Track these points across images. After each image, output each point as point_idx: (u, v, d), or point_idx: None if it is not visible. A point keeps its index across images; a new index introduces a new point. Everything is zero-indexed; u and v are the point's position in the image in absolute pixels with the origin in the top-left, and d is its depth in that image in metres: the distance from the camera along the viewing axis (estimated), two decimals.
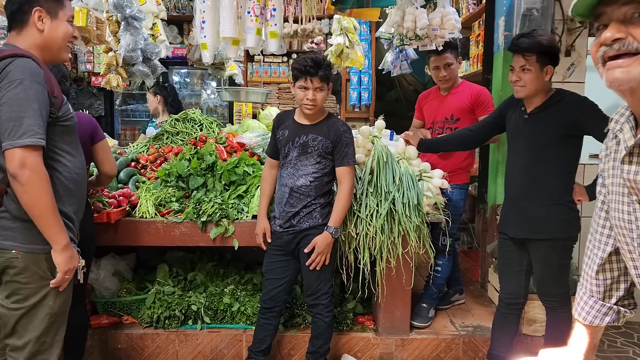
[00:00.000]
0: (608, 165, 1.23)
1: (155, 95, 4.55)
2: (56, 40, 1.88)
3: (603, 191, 1.30)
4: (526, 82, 2.44)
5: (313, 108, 2.48)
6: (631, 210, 1.16)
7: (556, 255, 2.53)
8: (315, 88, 2.44)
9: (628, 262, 1.24)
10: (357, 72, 6.07)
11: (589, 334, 1.40)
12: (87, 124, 2.38)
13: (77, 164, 1.95)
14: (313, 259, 2.51)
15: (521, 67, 2.43)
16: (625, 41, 1.03)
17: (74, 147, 1.95)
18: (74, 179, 1.92)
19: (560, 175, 2.48)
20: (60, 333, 1.94)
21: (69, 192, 1.90)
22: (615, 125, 1.20)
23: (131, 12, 3.26)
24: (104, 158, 2.47)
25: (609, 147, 1.24)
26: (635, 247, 1.18)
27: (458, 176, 3.20)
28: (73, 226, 1.93)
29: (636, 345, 3.42)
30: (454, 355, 2.99)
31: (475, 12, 4.40)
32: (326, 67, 2.44)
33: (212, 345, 2.98)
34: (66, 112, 1.88)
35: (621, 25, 1.03)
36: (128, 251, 3.38)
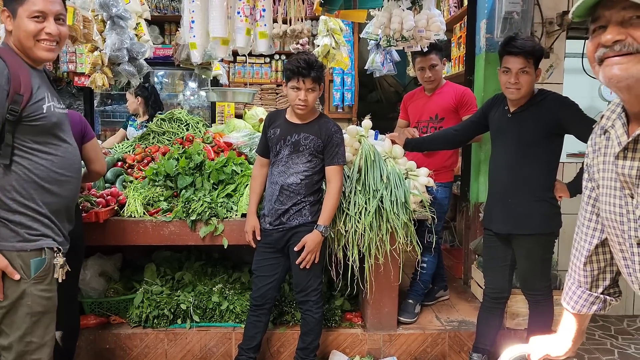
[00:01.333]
0: (598, 160, 1.27)
1: (136, 97, 4.50)
2: (21, 39, 1.83)
3: (589, 185, 1.35)
4: (523, 85, 2.49)
5: (305, 108, 2.53)
6: (623, 203, 1.20)
7: (540, 250, 2.62)
8: (307, 89, 2.48)
9: (617, 254, 1.28)
10: (340, 73, 6.13)
11: (577, 321, 1.47)
12: (77, 122, 2.37)
13: (58, 163, 1.90)
14: (303, 257, 2.54)
15: (521, 69, 2.47)
16: (625, 42, 1.06)
17: (53, 147, 1.89)
18: (52, 177, 1.88)
19: (543, 172, 2.57)
20: (49, 333, 1.92)
21: (42, 191, 1.85)
22: (607, 121, 1.23)
23: (117, 11, 3.24)
24: (93, 157, 2.45)
25: (597, 143, 1.28)
26: (625, 239, 1.22)
27: (442, 175, 3.27)
28: (53, 224, 1.89)
29: (613, 338, 3.54)
30: (440, 350, 3.05)
31: (456, 14, 4.50)
32: (318, 68, 2.49)
33: (202, 344, 2.98)
34: (34, 112, 1.81)
35: (620, 27, 1.07)
36: (114, 251, 3.36)
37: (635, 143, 1.13)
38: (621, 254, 1.26)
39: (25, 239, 1.82)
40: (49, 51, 1.88)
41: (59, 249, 1.91)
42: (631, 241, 1.20)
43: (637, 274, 1.23)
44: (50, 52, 1.88)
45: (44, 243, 1.86)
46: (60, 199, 1.93)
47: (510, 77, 2.49)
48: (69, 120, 2.06)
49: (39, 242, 1.85)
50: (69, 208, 2.01)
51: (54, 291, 1.92)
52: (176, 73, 6.83)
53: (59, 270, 1.89)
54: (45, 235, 1.87)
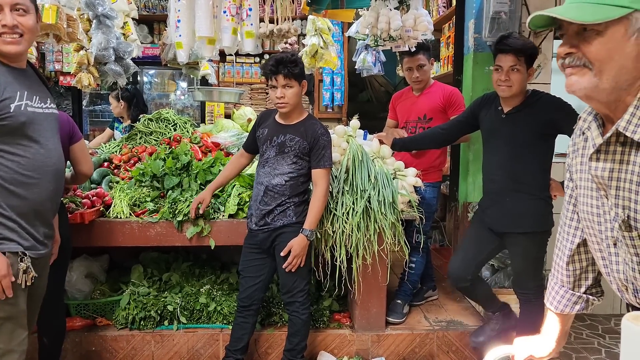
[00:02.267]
0: (576, 161, 1.29)
1: (119, 101, 4.42)
2: None
3: (570, 185, 1.36)
4: (514, 82, 2.51)
5: (285, 105, 2.51)
6: (599, 204, 1.22)
7: (535, 248, 2.64)
8: (282, 85, 2.47)
9: (596, 253, 1.30)
10: (330, 73, 6.12)
11: (560, 321, 1.47)
12: (64, 123, 2.33)
13: (26, 165, 1.83)
14: (289, 262, 2.53)
15: (511, 67, 2.50)
16: (575, 55, 1.10)
17: (21, 148, 1.82)
18: (18, 180, 1.81)
19: (538, 171, 2.59)
20: (16, 338, 1.85)
21: (7, 193, 1.79)
22: (584, 123, 1.25)
23: (103, 10, 3.21)
24: (81, 158, 2.42)
25: (577, 143, 1.30)
26: (602, 239, 1.24)
27: (431, 174, 3.26)
28: (19, 228, 1.82)
29: (601, 337, 3.56)
30: (428, 350, 3.05)
31: (445, 14, 4.50)
32: (290, 64, 2.45)
33: (189, 346, 2.96)
34: (1, 112, 1.75)
35: (574, 39, 1.10)
36: (101, 252, 3.33)
37: (608, 145, 1.15)
38: (599, 253, 1.28)
39: None
40: (11, 44, 1.79)
41: (24, 254, 1.83)
42: (608, 241, 1.22)
43: (614, 274, 1.24)
44: (14, 44, 1.79)
45: (5, 247, 1.79)
46: (27, 201, 1.85)
47: (501, 74, 2.54)
48: (53, 120, 2.00)
49: (2, 247, 1.78)
50: (39, 211, 1.91)
51: (20, 297, 1.85)
52: (166, 72, 6.79)
53: (23, 276, 1.82)
54: (7, 238, 1.80)
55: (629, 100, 1.10)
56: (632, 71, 1.07)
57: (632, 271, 1.18)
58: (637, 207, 1.10)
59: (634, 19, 1.04)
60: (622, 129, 1.09)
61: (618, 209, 1.15)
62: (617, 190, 1.14)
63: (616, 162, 1.14)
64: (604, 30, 1.05)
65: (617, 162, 1.13)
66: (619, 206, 1.15)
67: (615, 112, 1.13)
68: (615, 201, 1.15)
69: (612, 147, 1.14)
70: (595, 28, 1.06)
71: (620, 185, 1.13)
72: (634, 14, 1.03)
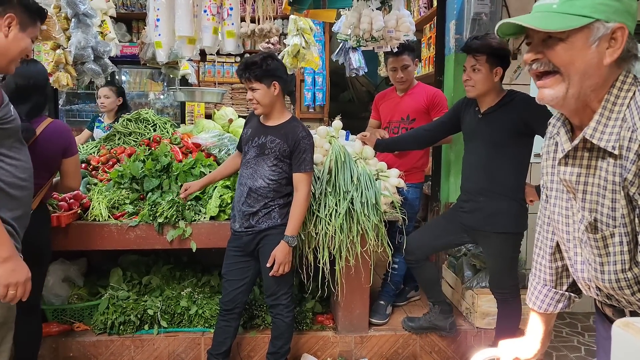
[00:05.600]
0: (547, 163, 1.35)
1: (118, 97, 4.31)
2: (13, 51, 1.80)
3: (545, 186, 1.39)
4: (476, 82, 2.55)
5: (256, 107, 2.53)
6: (568, 206, 1.27)
7: (509, 249, 2.66)
8: (250, 88, 2.48)
9: (565, 253, 1.35)
10: (312, 73, 6.09)
11: (543, 321, 1.49)
12: (62, 137, 2.34)
13: (20, 168, 1.83)
14: (276, 270, 2.50)
15: (472, 67, 2.55)
16: (541, 61, 1.16)
17: (16, 151, 1.82)
18: (16, 184, 1.81)
19: (513, 172, 2.61)
20: (6, 343, 1.84)
21: (8, 198, 1.78)
22: (553, 129, 1.31)
23: (84, 8, 3.14)
24: (71, 173, 2.42)
25: (547, 145, 1.35)
26: (569, 239, 1.29)
27: (413, 175, 3.27)
28: (15, 234, 1.82)
29: (580, 335, 3.60)
30: (411, 351, 3.05)
31: (426, 15, 4.51)
32: (252, 66, 2.44)
33: (170, 350, 2.91)
34: (5, 115, 1.75)
35: (540, 46, 1.16)
36: (78, 256, 3.26)
37: (575, 150, 1.21)
38: (566, 253, 1.34)
39: None
40: (16, 67, 1.89)
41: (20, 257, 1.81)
42: (575, 242, 1.27)
43: (578, 273, 1.31)
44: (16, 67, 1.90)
45: None
46: (22, 204, 1.86)
47: (464, 75, 2.60)
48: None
49: None
50: (27, 215, 1.93)
51: (9, 303, 1.80)
52: (144, 72, 6.68)
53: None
54: None
55: (595, 107, 1.16)
56: (594, 77, 1.13)
57: (594, 271, 1.23)
58: (603, 210, 1.16)
59: (595, 28, 1.10)
60: (589, 136, 1.15)
61: (585, 212, 1.20)
62: (584, 194, 1.20)
63: (583, 167, 1.20)
64: (566, 38, 1.12)
65: (585, 167, 1.19)
66: (585, 209, 1.20)
67: (583, 119, 1.19)
68: (582, 204, 1.21)
69: (579, 152, 1.20)
70: (558, 35, 1.12)
71: (587, 189, 1.19)
72: (595, 23, 1.10)
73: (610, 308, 1.30)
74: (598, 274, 1.22)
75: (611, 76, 1.14)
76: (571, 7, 1.10)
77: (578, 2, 1.10)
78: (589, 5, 1.09)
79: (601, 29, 1.10)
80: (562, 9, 1.11)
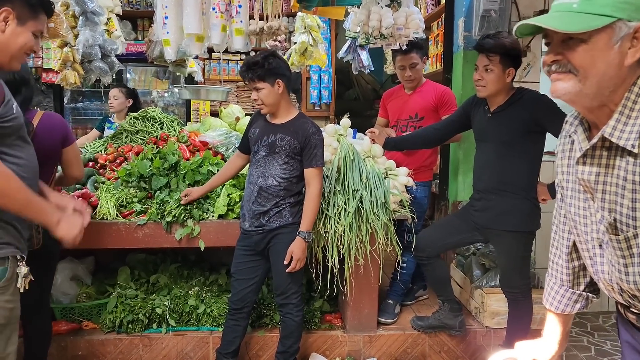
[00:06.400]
0: (563, 162, 1.32)
1: (128, 98, 4.30)
2: (13, 46, 1.74)
3: (560, 185, 1.37)
4: (488, 82, 2.52)
5: (262, 107, 2.51)
6: (586, 206, 1.24)
7: (520, 248, 2.65)
8: (254, 88, 2.47)
9: (584, 253, 1.32)
10: (318, 71, 6.07)
11: (561, 322, 1.47)
12: (58, 126, 2.31)
13: (23, 167, 1.79)
14: (293, 266, 2.49)
15: (484, 66, 2.51)
16: (561, 62, 1.12)
17: (18, 149, 1.78)
18: None
19: (524, 171, 2.59)
20: (12, 344, 1.80)
21: None
22: (570, 127, 1.28)
23: (92, 6, 3.12)
24: (73, 161, 2.39)
25: (563, 144, 1.32)
26: (588, 240, 1.26)
27: (422, 174, 3.25)
28: (16, 232, 1.78)
29: (590, 334, 3.58)
30: (420, 350, 3.04)
31: (434, 12, 4.49)
32: (254, 66, 2.43)
33: (178, 349, 2.91)
34: (6, 113, 1.71)
35: (560, 46, 1.13)
36: (86, 254, 3.25)
37: (594, 149, 1.18)
38: (586, 253, 1.31)
39: None
40: (21, 64, 1.85)
41: (22, 257, 1.80)
42: (594, 242, 1.25)
43: (599, 274, 1.27)
44: (20, 64, 1.87)
45: (8, 251, 1.74)
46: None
47: (476, 74, 2.57)
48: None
49: (3, 251, 1.73)
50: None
51: (17, 302, 1.80)
52: (149, 69, 6.66)
53: (22, 280, 1.77)
54: (9, 243, 1.75)
55: (613, 106, 1.13)
56: (614, 78, 1.10)
57: (617, 272, 1.20)
58: (622, 210, 1.13)
59: (618, 28, 1.07)
60: (608, 135, 1.13)
61: (604, 212, 1.18)
62: (603, 193, 1.17)
63: (602, 166, 1.17)
64: (588, 39, 1.08)
65: (603, 167, 1.17)
66: (605, 209, 1.18)
67: (600, 117, 1.16)
68: (601, 204, 1.18)
69: (598, 151, 1.18)
70: (580, 36, 1.08)
71: (607, 189, 1.16)
72: (617, 23, 1.06)
73: (634, 315, 1.27)
74: (622, 275, 1.20)
75: (631, 75, 1.11)
76: (592, 7, 1.07)
77: (599, 1, 1.07)
78: (610, 4, 1.06)
79: (623, 28, 1.06)
80: (582, 8, 1.08)
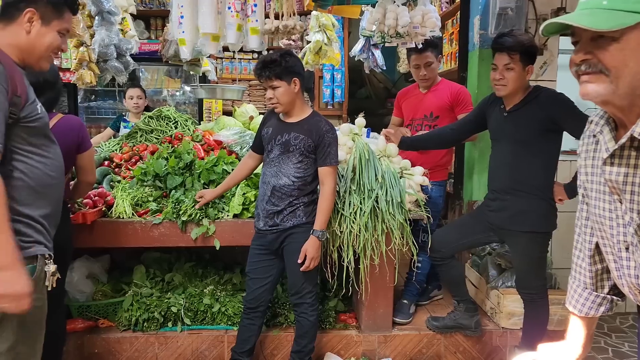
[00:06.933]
0: (586, 163, 1.29)
1: (145, 98, 4.34)
2: (39, 47, 1.78)
3: (582, 186, 1.35)
4: (509, 81, 2.49)
5: (276, 106, 2.49)
6: (612, 208, 1.21)
7: (536, 248, 2.62)
8: (271, 86, 2.45)
9: (608, 256, 1.29)
10: (330, 70, 6.05)
11: (585, 325, 1.44)
12: (75, 128, 2.33)
13: (50, 165, 1.84)
14: (307, 265, 2.48)
15: (505, 65, 2.48)
16: (590, 62, 1.09)
17: (45, 149, 1.82)
18: (45, 181, 1.81)
19: (541, 170, 2.56)
20: (39, 342, 1.84)
21: (37, 195, 1.78)
22: (595, 127, 1.25)
23: (109, 6, 3.14)
24: (88, 167, 2.41)
25: (587, 144, 1.29)
26: (614, 243, 1.23)
27: (437, 173, 3.23)
28: (44, 230, 1.82)
29: (607, 336, 3.54)
30: (435, 351, 3.02)
31: (448, 10, 4.46)
32: (271, 64, 2.41)
33: (193, 347, 2.92)
34: (31, 113, 1.75)
35: (589, 45, 1.09)
36: (101, 253, 3.27)
37: (622, 149, 1.15)
38: (611, 256, 1.28)
39: (19, 247, 1.70)
40: (50, 63, 1.89)
41: (50, 256, 1.83)
42: (619, 246, 1.22)
43: (626, 277, 1.24)
44: (49, 64, 1.90)
45: (38, 250, 1.77)
46: (52, 202, 1.86)
47: (496, 73, 2.53)
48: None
49: (32, 249, 1.76)
50: (57, 212, 1.93)
51: (44, 300, 1.83)
52: (162, 69, 6.69)
53: (50, 278, 1.81)
54: (38, 241, 1.78)
55: None
56: None
57: None
58: None
59: None
60: (638, 135, 1.10)
61: (633, 214, 1.14)
62: (632, 194, 1.14)
63: (631, 166, 1.14)
64: (619, 37, 1.04)
65: (632, 167, 1.14)
66: (634, 211, 1.14)
67: (629, 116, 1.13)
68: (630, 206, 1.15)
69: (626, 151, 1.14)
70: (611, 35, 1.04)
71: (635, 190, 1.13)
72: None
73: None
74: None
75: None
76: (623, 3, 1.03)
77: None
78: None
79: None
80: (613, 5, 1.04)
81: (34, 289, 1.76)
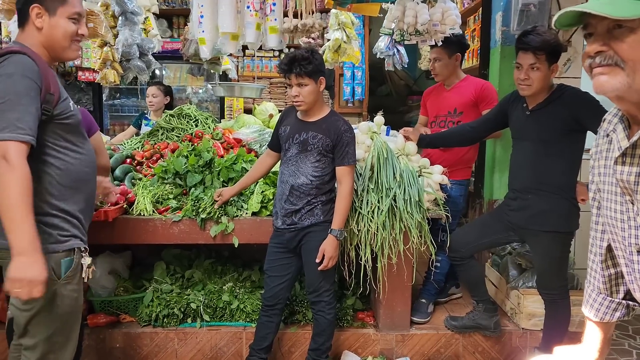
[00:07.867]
0: (599, 163, 1.25)
1: (166, 96, 4.39)
2: (56, 38, 1.82)
3: (593, 187, 1.31)
4: (534, 81, 2.44)
5: (301, 104, 2.47)
6: (624, 209, 1.18)
7: (558, 248, 2.58)
8: (296, 84, 2.42)
9: (620, 260, 1.26)
10: (351, 67, 6.04)
11: (601, 330, 1.41)
12: (83, 116, 2.36)
13: (85, 161, 1.92)
14: (325, 265, 2.49)
15: (530, 65, 2.43)
16: (606, 54, 1.05)
17: (80, 145, 1.90)
18: (81, 177, 1.89)
19: (563, 170, 2.52)
20: (75, 331, 1.93)
21: (73, 191, 1.86)
22: (609, 125, 1.21)
23: (132, 6, 3.19)
24: (101, 148, 2.46)
25: (600, 145, 1.26)
26: (626, 245, 1.19)
27: (459, 172, 3.19)
28: (80, 224, 1.90)
29: (631, 338, 3.47)
30: (453, 350, 3.00)
31: (470, 7, 4.41)
32: (303, 61, 2.38)
33: (212, 343, 2.95)
34: (65, 110, 1.82)
35: (604, 37, 1.05)
36: (123, 249, 3.33)
37: (634, 148, 1.11)
38: (623, 260, 1.24)
39: (57, 240, 1.81)
40: (78, 51, 1.92)
41: (86, 249, 1.91)
42: (631, 249, 1.18)
43: (637, 282, 1.20)
44: (79, 51, 1.93)
45: (74, 243, 1.86)
46: (87, 197, 1.94)
47: (520, 73, 2.47)
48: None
49: (69, 243, 1.84)
50: (91, 206, 2.03)
51: (81, 291, 1.92)
52: (184, 67, 6.76)
53: (87, 270, 1.90)
54: (74, 235, 1.87)
55: None
56: None
57: None
58: None
59: None
60: None
61: None
62: None
63: None
64: (637, 27, 1.01)
65: None
66: None
67: None
68: None
69: (638, 150, 1.11)
70: (629, 24, 1.01)
71: None
72: None
73: None
74: None
75: None
76: None
77: None
78: None
79: None
80: None
81: (71, 280, 1.85)
